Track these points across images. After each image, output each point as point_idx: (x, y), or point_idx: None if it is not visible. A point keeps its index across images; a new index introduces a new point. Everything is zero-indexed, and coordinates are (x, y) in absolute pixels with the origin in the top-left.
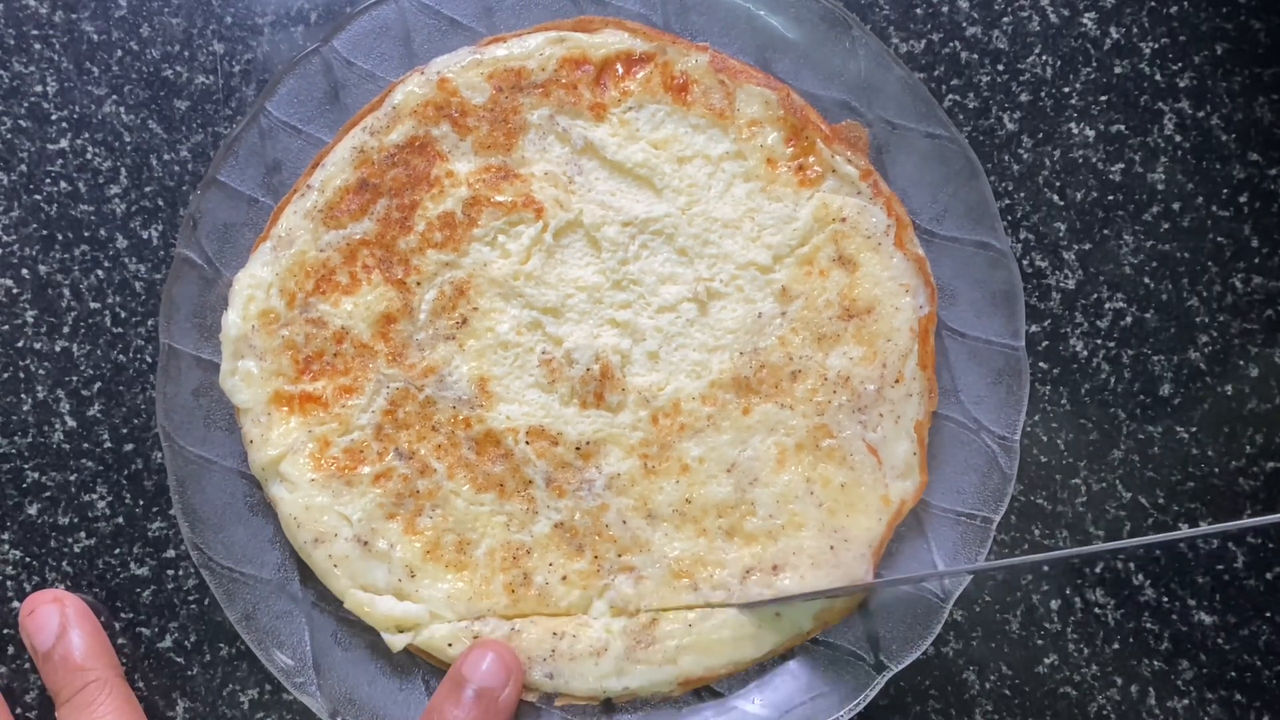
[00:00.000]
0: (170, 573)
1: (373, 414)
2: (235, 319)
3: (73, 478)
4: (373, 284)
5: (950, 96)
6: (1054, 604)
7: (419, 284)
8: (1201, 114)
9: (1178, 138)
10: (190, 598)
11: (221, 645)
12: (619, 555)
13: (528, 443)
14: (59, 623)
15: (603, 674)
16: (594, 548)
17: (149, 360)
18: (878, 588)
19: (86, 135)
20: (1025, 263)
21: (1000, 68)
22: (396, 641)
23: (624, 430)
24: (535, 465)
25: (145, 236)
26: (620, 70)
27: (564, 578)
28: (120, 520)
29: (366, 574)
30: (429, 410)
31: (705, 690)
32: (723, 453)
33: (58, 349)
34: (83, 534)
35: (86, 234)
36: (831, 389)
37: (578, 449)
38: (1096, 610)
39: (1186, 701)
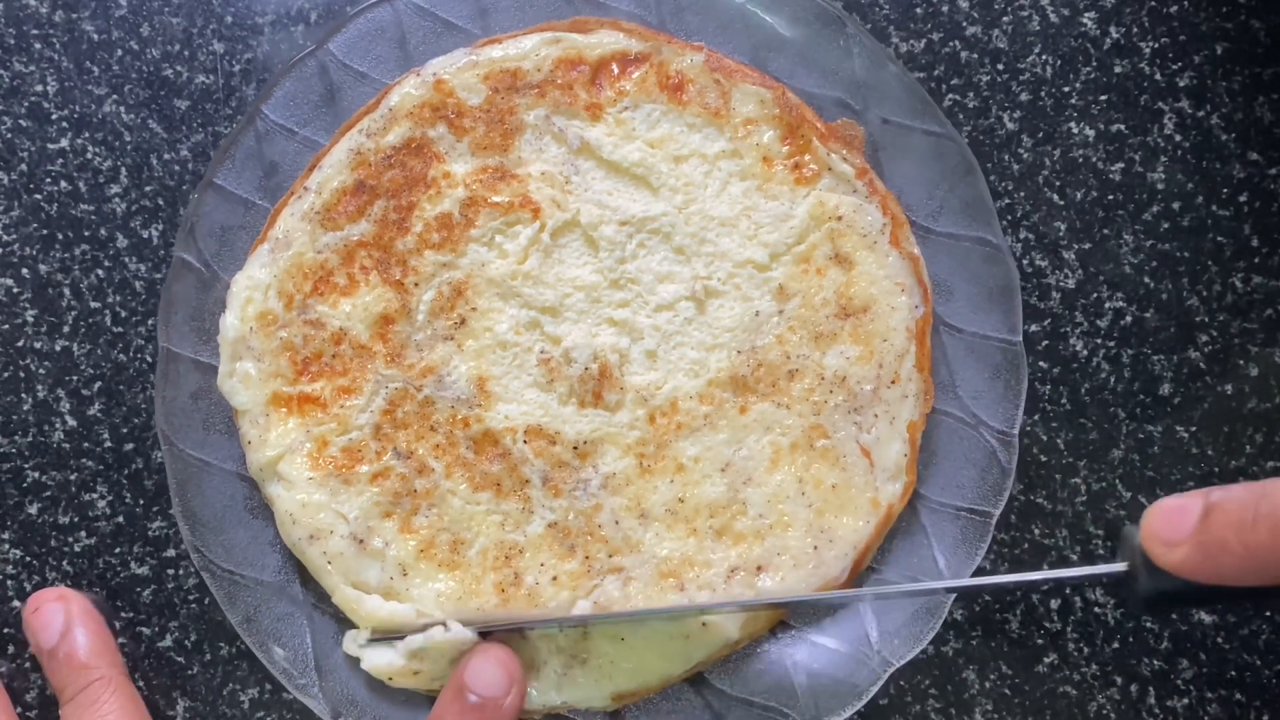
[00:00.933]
0: (170, 572)
1: (371, 414)
2: (233, 321)
3: (73, 477)
4: (371, 285)
5: (950, 96)
6: (1054, 603)
7: (417, 285)
8: (1201, 113)
9: (1178, 137)
10: (190, 597)
11: (222, 645)
12: (610, 556)
13: (526, 442)
14: (63, 620)
15: (543, 689)
16: (585, 548)
17: (149, 360)
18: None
19: (87, 135)
20: (1025, 262)
21: (1000, 67)
22: (351, 649)
23: (621, 429)
24: (533, 464)
25: (145, 236)
26: (616, 70)
27: (554, 578)
28: (120, 519)
29: (359, 572)
30: (427, 410)
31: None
32: (718, 452)
33: (58, 348)
34: (83, 533)
35: (87, 233)
36: (828, 388)
37: (575, 448)
38: (1096, 609)
39: (1186, 701)
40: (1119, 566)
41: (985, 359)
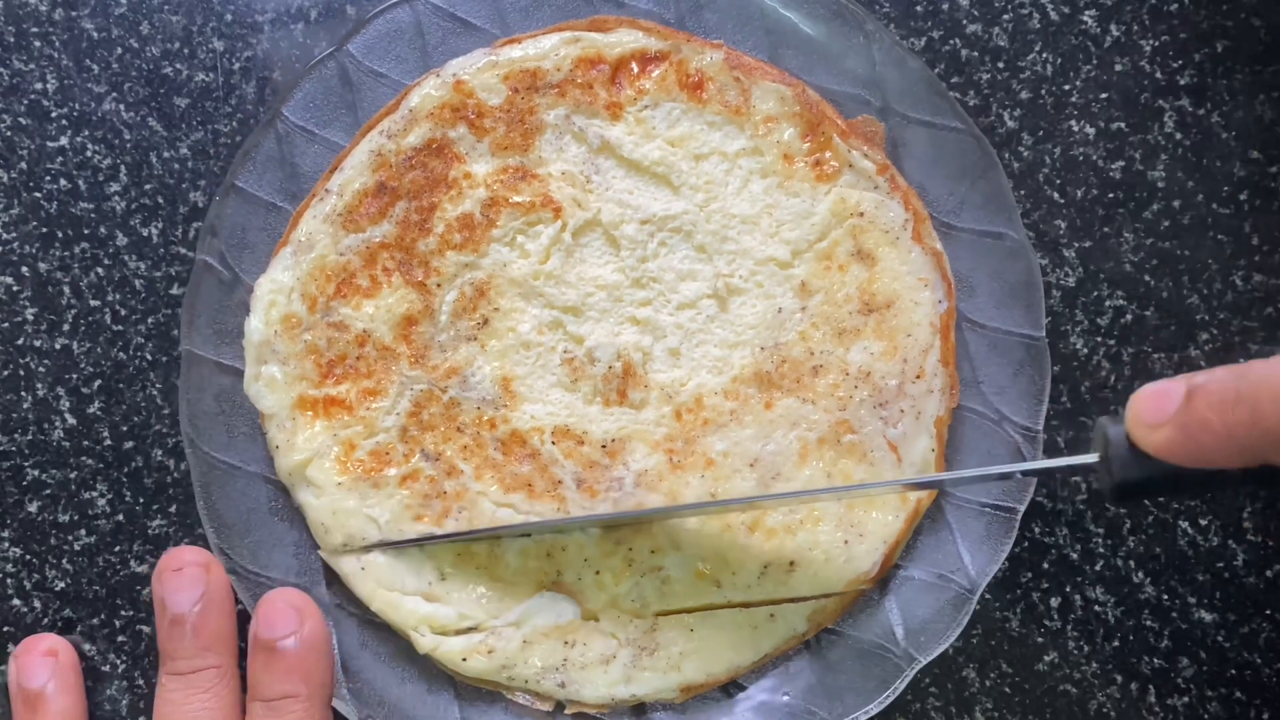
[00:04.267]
0: None
1: (397, 416)
2: (258, 324)
3: (73, 475)
4: (393, 286)
5: (950, 94)
6: (1054, 601)
7: (439, 285)
8: (1202, 111)
9: (1178, 135)
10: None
11: None
12: (651, 553)
13: (554, 442)
14: (202, 592)
15: (611, 681)
16: (630, 542)
17: (149, 358)
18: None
19: (86, 133)
20: None
21: (1000, 65)
22: (424, 643)
23: (648, 426)
24: (563, 465)
25: (145, 234)
26: (635, 69)
27: (597, 573)
28: (120, 518)
29: (394, 579)
30: (453, 411)
31: (732, 685)
32: (746, 447)
33: (57, 346)
34: (83, 531)
35: (86, 231)
36: (853, 384)
37: (603, 446)
38: (1096, 608)
39: (1186, 699)
40: (1091, 457)
41: (1008, 355)
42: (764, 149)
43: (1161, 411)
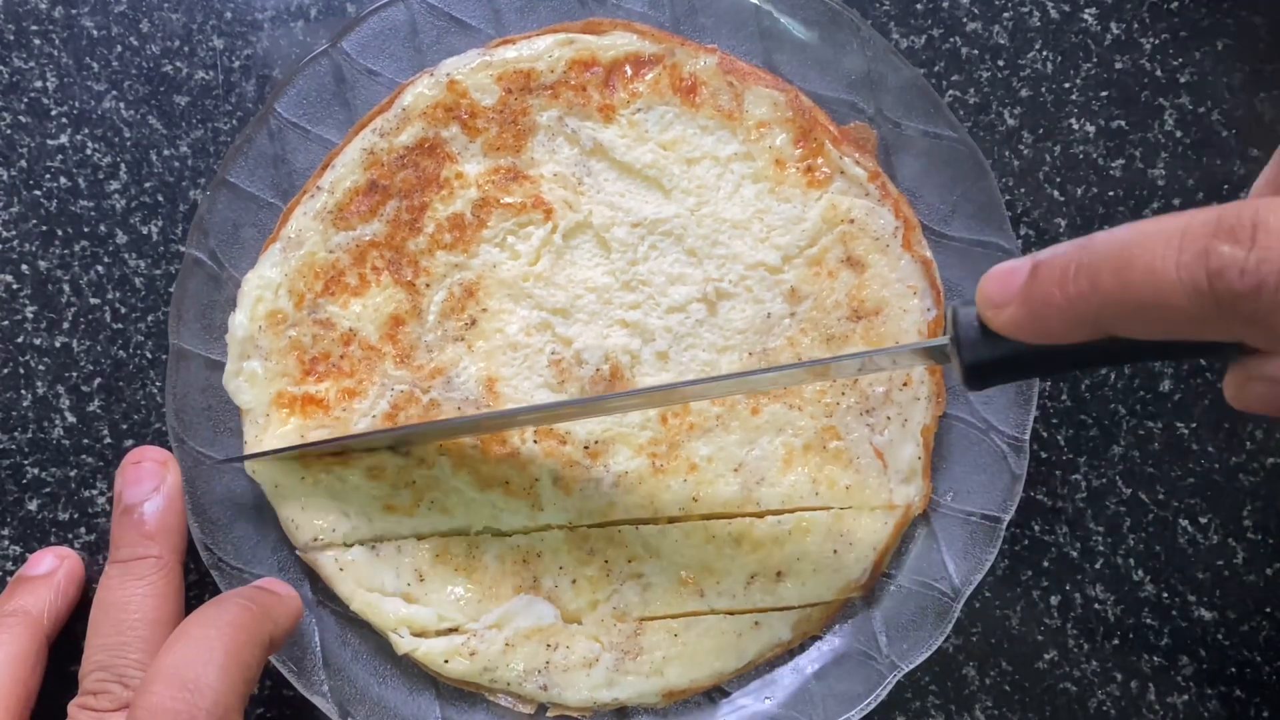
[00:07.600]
0: None
1: (373, 418)
2: (243, 320)
3: (72, 473)
4: (382, 285)
5: (950, 92)
6: (1054, 600)
7: (428, 285)
8: (1202, 109)
9: (1178, 133)
10: (190, 593)
11: None
12: (629, 561)
13: (535, 441)
14: (154, 486)
15: (594, 685)
16: (604, 553)
17: (149, 356)
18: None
19: (86, 131)
20: None
21: (1001, 63)
22: (403, 644)
23: (633, 430)
24: (542, 464)
25: (145, 232)
26: (629, 72)
27: (574, 581)
28: None
29: (373, 578)
30: (433, 413)
31: (716, 691)
32: (731, 452)
33: (57, 344)
34: (83, 529)
35: (86, 230)
36: (840, 390)
37: (586, 448)
38: (1096, 606)
39: (1186, 697)
40: (942, 340)
41: None
42: (756, 154)
43: (1008, 289)
